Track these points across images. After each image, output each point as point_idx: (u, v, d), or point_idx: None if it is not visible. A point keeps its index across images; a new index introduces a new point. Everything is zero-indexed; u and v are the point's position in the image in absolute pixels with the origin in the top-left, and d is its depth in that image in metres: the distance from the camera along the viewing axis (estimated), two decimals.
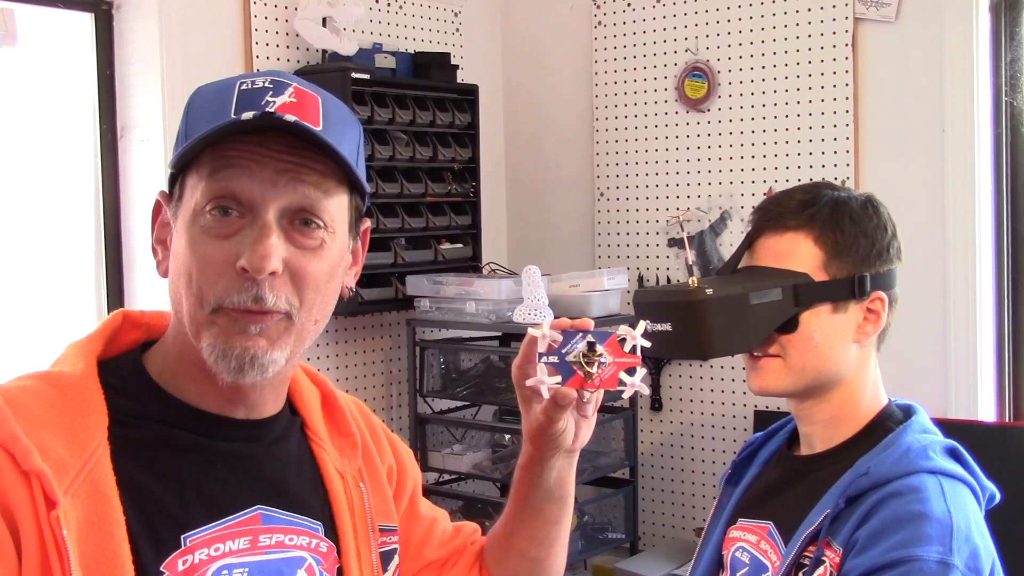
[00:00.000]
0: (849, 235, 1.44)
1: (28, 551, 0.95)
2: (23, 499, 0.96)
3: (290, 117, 1.03)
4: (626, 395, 1.19)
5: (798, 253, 1.44)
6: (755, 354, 1.47)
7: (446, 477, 3.63)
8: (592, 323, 1.18)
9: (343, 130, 1.09)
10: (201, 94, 1.11)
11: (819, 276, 1.43)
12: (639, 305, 1.52)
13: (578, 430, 1.24)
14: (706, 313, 1.42)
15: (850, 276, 1.43)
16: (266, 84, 1.07)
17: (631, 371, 1.17)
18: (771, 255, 1.47)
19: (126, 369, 1.11)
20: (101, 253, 3.14)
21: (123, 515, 1.00)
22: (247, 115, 1.02)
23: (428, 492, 3.57)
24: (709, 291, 1.42)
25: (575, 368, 1.16)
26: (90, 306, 3.15)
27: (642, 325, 1.19)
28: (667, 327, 1.45)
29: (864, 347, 1.46)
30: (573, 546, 3.60)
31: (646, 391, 1.20)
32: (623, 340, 1.17)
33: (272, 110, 1.04)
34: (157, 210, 1.13)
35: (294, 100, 1.06)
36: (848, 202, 1.46)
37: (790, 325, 1.43)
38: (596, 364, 1.15)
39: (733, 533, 1.54)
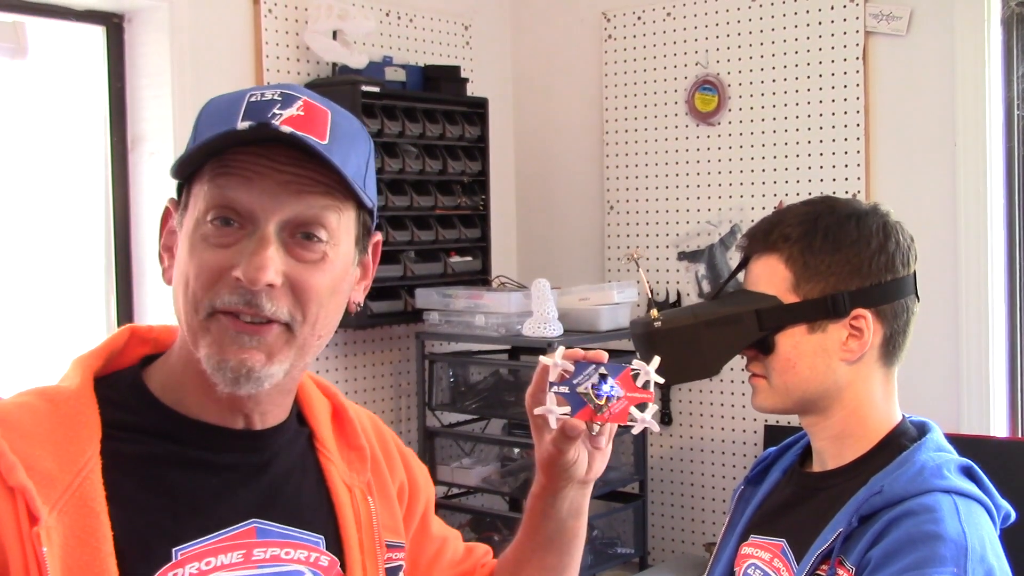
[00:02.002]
0: (820, 254, 1.43)
1: (13, 566, 0.95)
2: (7, 514, 0.96)
3: (287, 129, 1.02)
4: (635, 431, 1.18)
5: (770, 276, 1.46)
6: (749, 373, 1.50)
7: (455, 491, 3.61)
8: (606, 356, 1.17)
9: (351, 145, 1.08)
10: (212, 105, 1.11)
11: (789, 298, 1.44)
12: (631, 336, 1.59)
13: (592, 461, 1.22)
14: (655, 344, 1.48)
15: (823, 296, 1.42)
16: (275, 96, 1.06)
17: (642, 407, 1.16)
18: (752, 278, 1.50)
19: (124, 383, 1.10)
20: (111, 265, 3.14)
21: (111, 530, 0.99)
22: (243, 125, 1.02)
23: (437, 506, 3.55)
24: (658, 324, 1.49)
25: (585, 400, 1.15)
26: (99, 318, 3.15)
27: (656, 360, 1.18)
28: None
29: (860, 364, 1.45)
30: (582, 561, 3.58)
31: (656, 428, 1.19)
32: (636, 374, 1.16)
33: (277, 123, 1.03)
34: (166, 217, 1.14)
35: (301, 113, 1.05)
36: (827, 218, 1.45)
37: (767, 347, 1.46)
38: (607, 397, 1.15)
39: (745, 550, 1.53)
